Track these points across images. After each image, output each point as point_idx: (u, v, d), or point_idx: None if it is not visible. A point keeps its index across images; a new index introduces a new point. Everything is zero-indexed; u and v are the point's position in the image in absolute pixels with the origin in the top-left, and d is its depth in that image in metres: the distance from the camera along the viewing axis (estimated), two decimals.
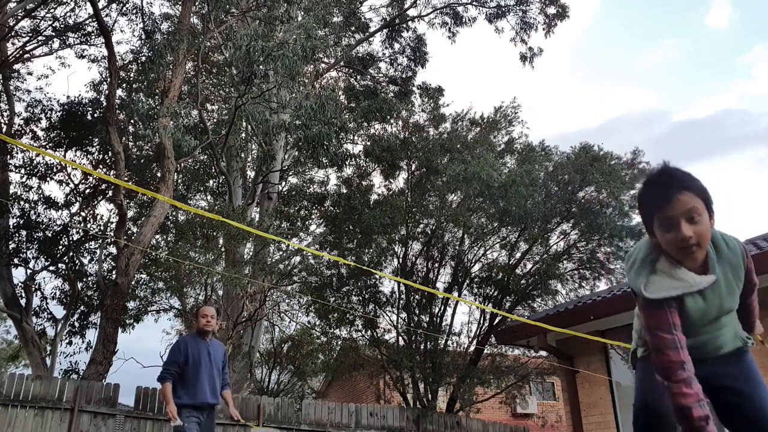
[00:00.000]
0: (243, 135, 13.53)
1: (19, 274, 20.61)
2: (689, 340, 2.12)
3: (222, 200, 14.42)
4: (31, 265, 12.89)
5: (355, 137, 14.29)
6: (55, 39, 14.09)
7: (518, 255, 12.04)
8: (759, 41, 74.46)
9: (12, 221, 12.87)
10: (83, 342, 13.12)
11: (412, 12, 16.03)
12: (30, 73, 15.29)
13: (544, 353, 10.90)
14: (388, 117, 13.12)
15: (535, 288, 11.84)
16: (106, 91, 12.59)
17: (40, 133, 13.74)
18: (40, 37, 13.83)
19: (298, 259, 13.33)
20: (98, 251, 12.97)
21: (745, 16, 72.44)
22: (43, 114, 13.71)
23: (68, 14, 13.91)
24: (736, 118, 56.16)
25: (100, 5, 11.69)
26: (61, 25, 13.95)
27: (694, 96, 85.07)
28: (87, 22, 13.94)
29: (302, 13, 12.43)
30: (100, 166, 13.79)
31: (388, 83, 15.64)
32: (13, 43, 13.50)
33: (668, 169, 2.02)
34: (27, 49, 13.77)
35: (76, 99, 13.68)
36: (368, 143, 13.24)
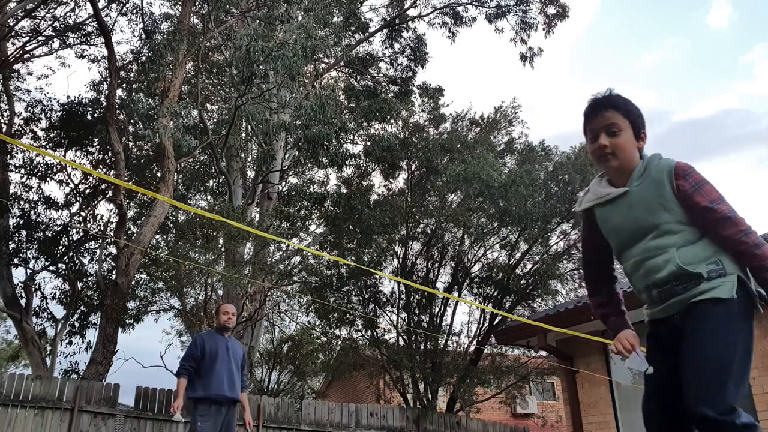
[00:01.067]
0: (243, 135, 13.53)
1: (19, 274, 20.61)
2: (628, 263, 2.23)
3: (222, 200, 14.42)
4: (31, 265, 12.90)
5: (355, 137, 14.29)
6: (55, 39, 14.09)
7: (518, 255, 12.05)
8: (759, 41, 74.51)
9: (12, 221, 12.86)
10: (83, 342, 13.12)
11: (412, 12, 16.04)
12: (30, 73, 15.30)
13: (544, 353, 10.89)
14: (388, 117, 13.12)
15: (535, 288, 11.84)
16: (106, 91, 12.59)
17: (40, 133, 13.76)
18: (40, 37, 13.83)
19: (298, 259, 13.34)
20: (98, 251, 12.96)
21: (745, 16, 72.49)
22: (43, 114, 13.71)
23: (68, 14, 13.92)
24: (736, 118, 56.23)
25: (100, 5, 11.69)
26: (61, 25, 13.95)
27: (695, 96, 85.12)
28: (87, 22, 13.95)
29: (302, 13, 12.43)
30: (100, 166, 13.79)
31: (388, 83, 15.64)
32: (13, 43, 13.50)
33: (607, 92, 2.25)
34: (27, 49, 13.78)
35: (76, 99, 13.68)
36: (368, 143, 13.24)
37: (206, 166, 15.29)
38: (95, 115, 13.57)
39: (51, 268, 13.15)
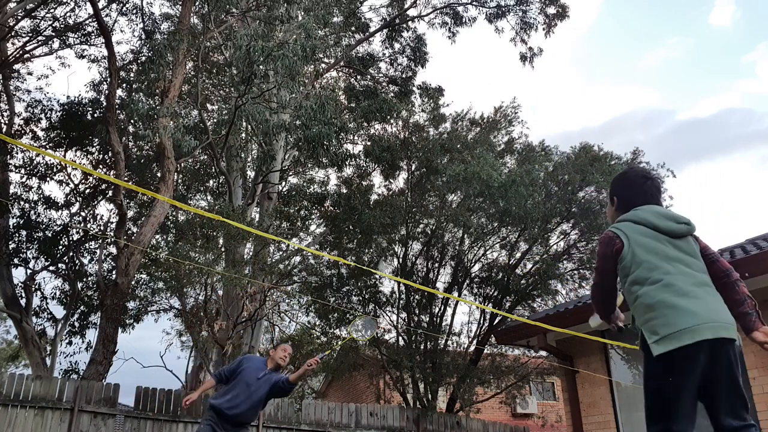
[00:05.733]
0: (243, 135, 13.53)
1: (19, 274, 20.61)
2: None
3: (222, 200, 14.41)
4: (31, 265, 12.90)
5: (355, 137, 14.30)
6: (55, 39, 14.09)
7: (518, 255, 12.04)
8: (762, 40, 74.53)
9: (12, 221, 12.86)
10: (83, 342, 13.14)
11: (412, 12, 16.04)
12: (30, 73, 15.30)
13: (544, 353, 10.89)
14: (388, 117, 13.12)
15: (535, 288, 11.83)
16: (106, 91, 12.59)
17: (40, 133, 13.76)
18: (40, 37, 13.83)
19: (298, 259, 13.33)
20: (98, 251, 12.97)
21: (748, 14, 72.53)
22: (43, 114, 13.71)
23: (68, 14, 13.92)
24: (739, 116, 56.28)
25: (100, 5, 11.69)
26: (61, 25, 13.95)
27: (698, 95, 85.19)
28: (87, 22, 13.96)
29: (302, 13, 12.44)
30: (100, 166, 13.79)
31: (388, 83, 15.64)
32: (13, 43, 13.50)
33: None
34: (27, 49, 13.78)
35: (76, 99, 13.68)
36: (368, 143, 13.24)
37: (206, 166, 15.29)
38: (95, 115, 13.57)
39: (51, 268, 13.16)
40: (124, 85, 14.43)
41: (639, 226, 2.56)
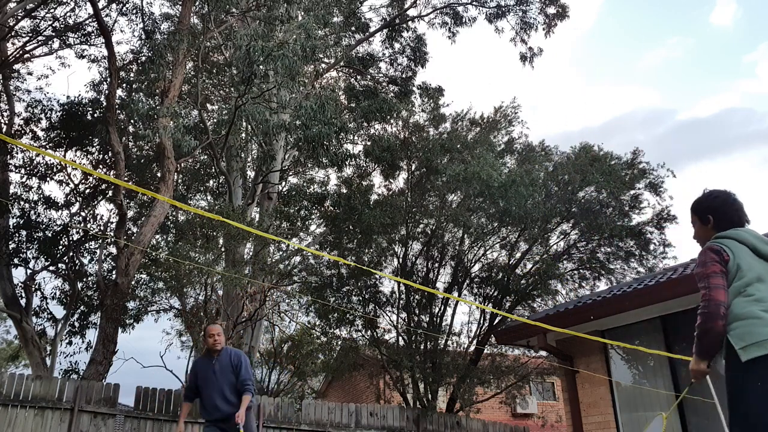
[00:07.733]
0: (243, 135, 13.53)
1: (19, 274, 20.60)
2: None
3: (222, 200, 14.41)
4: (31, 265, 12.89)
5: (355, 137, 14.29)
6: (55, 39, 14.09)
7: (518, 255, 12.04)
8: (764, 40, 74.55)
9: (12, 221, 12.86)
10: (83, 342, 13.13)
11: (412, 12, 16.05)
12: (30, 73, 15.29)
13: (544, 353, 10.89)
14: (388, 117, 13.12)
15: (535, 288, 11.83)
16: (106, 91, 12.59)
17: (40, 133, 13.75)
18: (40, 37, 13.83)
19: (298, 259, 13.33)
20: (98, 251, 12.96)
21: (749, 14, 72.54)
22: (43, 114, 13.71)
23: (68, 14, 13.92)
24: (740, 116, 56.28)
25: (100, 5, 11.68)
26: (61, 25, 13.95)
27: (698, 95, 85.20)
28: (87, 22, 13.95)
29: (302, 13, 12.45)
30: (100, 166, 13.79)
31: (388, 83, 15.65)
32: (13, 43, 13.50)
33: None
34: (27, 49, 13.77)
35: (76, 99, 13.68)
36: (368, 143, 13.24)
37: (206, 166, 15.29)
38: (95, 115, 13.57)
39: (51, 268, 13.15)
40: (124, 85, 14.43)
41: (742, 245, 2.74)
